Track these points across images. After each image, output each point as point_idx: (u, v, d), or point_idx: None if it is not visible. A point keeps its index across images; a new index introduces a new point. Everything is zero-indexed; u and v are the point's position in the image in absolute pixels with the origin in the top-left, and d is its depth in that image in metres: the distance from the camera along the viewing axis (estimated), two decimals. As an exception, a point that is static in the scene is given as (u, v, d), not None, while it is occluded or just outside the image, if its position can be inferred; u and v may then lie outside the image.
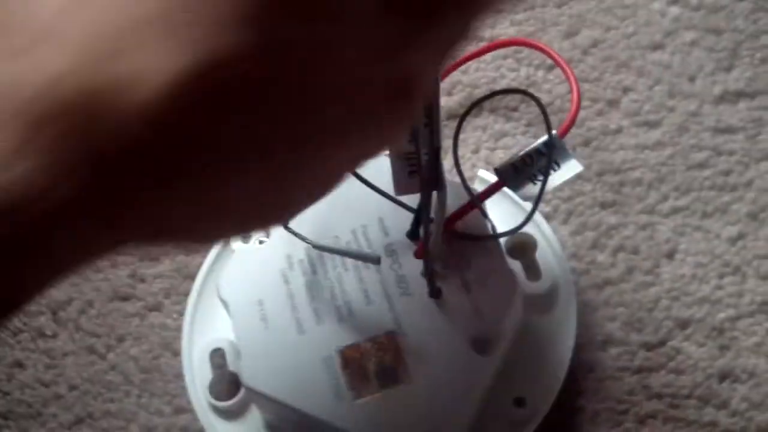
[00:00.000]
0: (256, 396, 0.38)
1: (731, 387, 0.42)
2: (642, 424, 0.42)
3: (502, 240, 0.40)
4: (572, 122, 0.38)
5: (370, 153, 0.25)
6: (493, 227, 0.40)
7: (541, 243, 0.43)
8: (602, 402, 0.42)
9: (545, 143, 0.38)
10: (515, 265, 0.42)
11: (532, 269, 0.42)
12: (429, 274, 0.38)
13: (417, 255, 0.39)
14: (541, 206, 0.46)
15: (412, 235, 0.40)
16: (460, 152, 0.48)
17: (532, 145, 0.38)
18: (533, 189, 0.37)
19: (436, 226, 0.37)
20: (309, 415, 0.37)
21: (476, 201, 0.39)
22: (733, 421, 0.42)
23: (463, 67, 0.50)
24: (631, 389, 0.42)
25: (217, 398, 0.41)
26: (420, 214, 0.38)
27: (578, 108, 0.39)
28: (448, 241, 0.39)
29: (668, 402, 0.42)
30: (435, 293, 0.38)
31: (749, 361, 0.43)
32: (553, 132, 0.38)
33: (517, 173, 0.38)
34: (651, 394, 0.42)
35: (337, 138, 0.23)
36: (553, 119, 0.48)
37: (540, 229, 0.43)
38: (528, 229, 0.41)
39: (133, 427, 0.44)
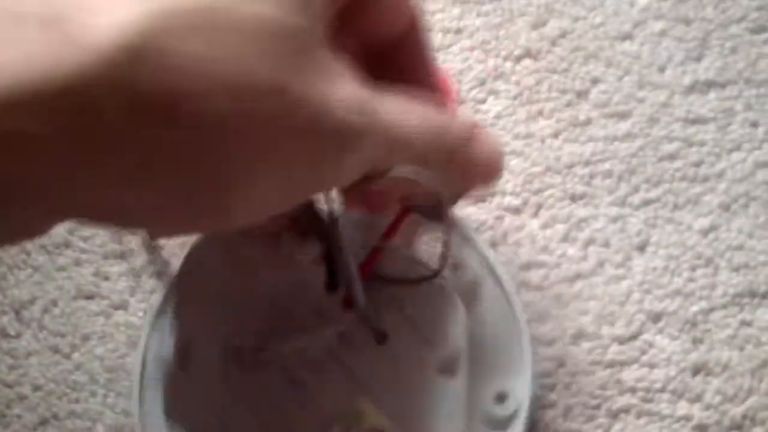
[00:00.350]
0: None
1: (705, 380, 0.42)
2: (615, 419, 0.41)
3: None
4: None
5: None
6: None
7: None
8: (575, 396, 0.41)
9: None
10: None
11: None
12: (367, 322, 0.37)
13: (345, 305, 0.37)
14: (510, 199, 0.45)
15: (330, 286, 0.37)
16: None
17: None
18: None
19: (353, 273, 0.36)
20: None
21: (381, 243, 0.38)
22: (707, 414, 0.41)
23: (429, 59, 0.49)
24: (603, 383, 0.41)
25: None
26: (332, 264, 0.37)
27: None
28: (372, 285, 0.37)
29: (641, 396, 0.41)
30: (381, 338, 0.37)
31: (723, 353, 0.42)
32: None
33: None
34: (624, 388, 0.42)
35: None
36: (521, 111, 0.47)
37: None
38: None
39: (99, 427, 0.43)
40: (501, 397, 0.39)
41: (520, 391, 0.39)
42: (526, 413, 0.39)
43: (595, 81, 0.47)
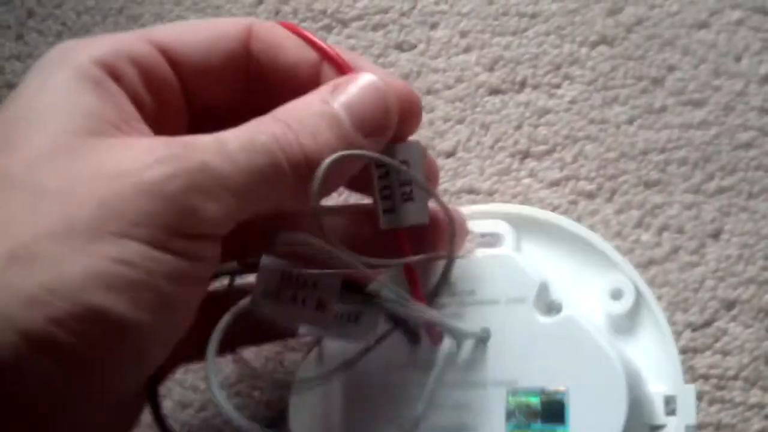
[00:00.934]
0: None
1: (778, 369, 0.42)
2: (688, 405, 0.41)
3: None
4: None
5: None
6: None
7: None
8: (650, 381, 0.42)
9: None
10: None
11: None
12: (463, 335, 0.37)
13: (434, 341, 0.37)
14: (584, 184, 0.46)
15: (414, 339, 0.37)
16: (502, 128, 0.47)
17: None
18: None
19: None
20: None
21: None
22: (780, 403, 0.41)
23: (504, 43, 0.49)
24: (675, 366, 0.42)
25: None
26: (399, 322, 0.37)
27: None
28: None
29: (714, 383, 0.42)
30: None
31: (796, 343, 0.42)
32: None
33: None
34: (697, 375, 0.42)
35: None
36: (596, 96, 0.47)
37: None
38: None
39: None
40: None
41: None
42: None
43: (670, 68, 0.47)
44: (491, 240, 0.40)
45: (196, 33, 0.34)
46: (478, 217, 0.39)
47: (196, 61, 0.34)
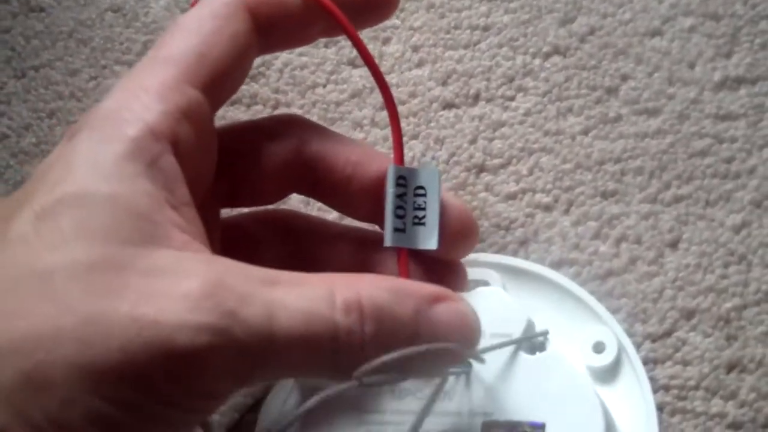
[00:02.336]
0: None
1: (739, 377, 0.41)
2: (650, 417, 0.41)
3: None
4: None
5: None
6: None
7: None
8: (609, 395, 0.41)
9: None
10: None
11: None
12: None
13: None
14: (541, 196, 0.45)
15: None
16: (457, 143, 0.47)
17: None
18: None
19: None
20: None
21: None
22: (741, 411, 0.41)
23: (456, 56, 0.49)
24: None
25: None
26: None
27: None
28: None
29: (675, 394, 0.41)
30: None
31: (757, 350, 0.42)
32: None
33: None
34: (658, 386, 0.42)
35: None
36: (550, 107, 0.47)
37: None
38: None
39: None
40: None
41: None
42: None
43: (624, 77, 0.47)
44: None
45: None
46: (467, 266, 0.39)
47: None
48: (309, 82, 0.50)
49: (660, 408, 0.41)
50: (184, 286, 0.26)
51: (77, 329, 0.25)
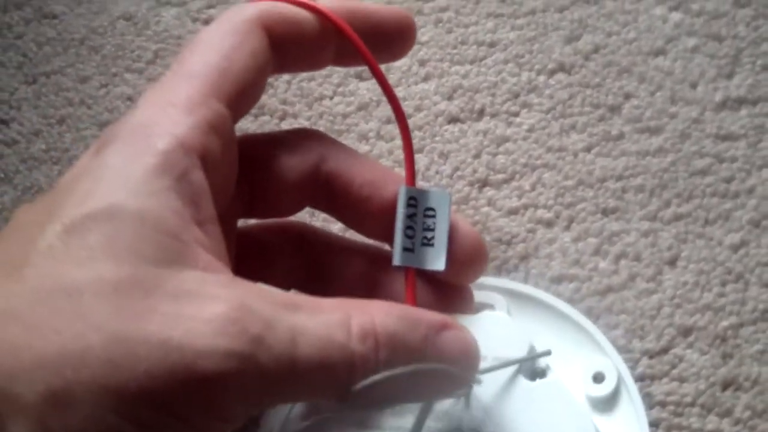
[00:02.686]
0: None
1: (734, 395, 0.42)
2: (645, 433, 0.42)
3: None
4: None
5: None
6: None
7: None
8: (606, 410, 0.42)
9: None
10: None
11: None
12: None
13: None
14: (542, 212, 0.46)
15: None
16: (461, 157, 0.48)
17: None
18: None
19: None
20: None
21: None
22: (736, 429, 0.41)
23: (463, 71, 0.49)
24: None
25: None
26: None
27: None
28: None
29: (671, 410, 0.42)
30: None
31: (752, 369, 0.42)
32: None
33: None
34: (654, 402, 0.42)
35: None
36: (554, 124, 0.48)
37: None
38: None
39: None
40: None
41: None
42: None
43: (627, 96, 0.48)
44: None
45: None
46: (474, 288, 0.39)
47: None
48: (316, 93, 0.50)
49: (656, 424, 0.42)
50: (210, 310, 0.27)
51: (105, 349, 0.26)
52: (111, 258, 0.27)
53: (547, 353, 0.38)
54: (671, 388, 0.42)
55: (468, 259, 0.36)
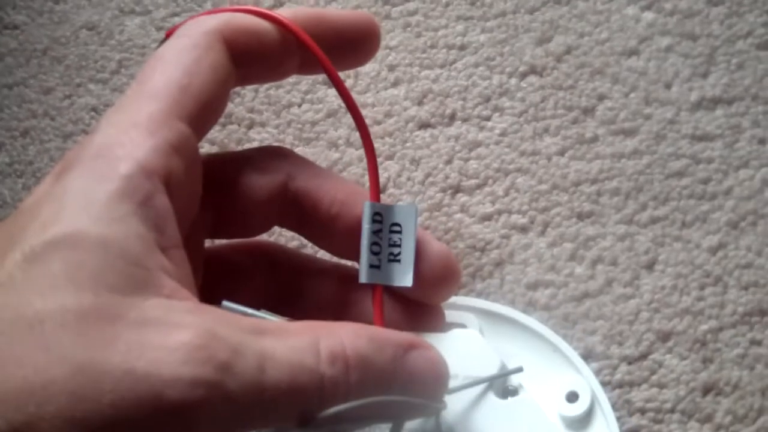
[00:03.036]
0: None
1: (715, 400, 0.41)
2: (625, 441, 0.41)
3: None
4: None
5: None
6: None
7: None
8: (584, 419, 0.41)
9: None
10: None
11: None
12: None
13: None
14: (517, 217, 0.45)
15: None
16: (432, 163, 0.47)
17: None
18: None
19: None
20: None
21: None
22: (718, 435, 0.41)
23: (433, 76, 0.48)
24: (612, 404, 0.41)
25: None
26: None
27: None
28: None
29: (651, 417, 0.41)
30: None
31: (733, 373, 0.42)
32: None
33: None
34: (633, 408, 0.41)
35: None
36: (526, 128, 0.47)
37: None
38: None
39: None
40: None
41: None
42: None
43: (601, 97, 0.47)
44: None
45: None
46: (446, 308, 0.38)
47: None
48: (284, 101, 0.49)
49: (636, 431, 0.41)
50: (176, 338, 0.26)
51: (69, 382, 0.25)
52: (74, 287, 0.26)
53: (519, 370, 0.37)
54: (651, 395, 0.41)
55: (438, 278, 0.35)
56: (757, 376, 0.41)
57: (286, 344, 0.28)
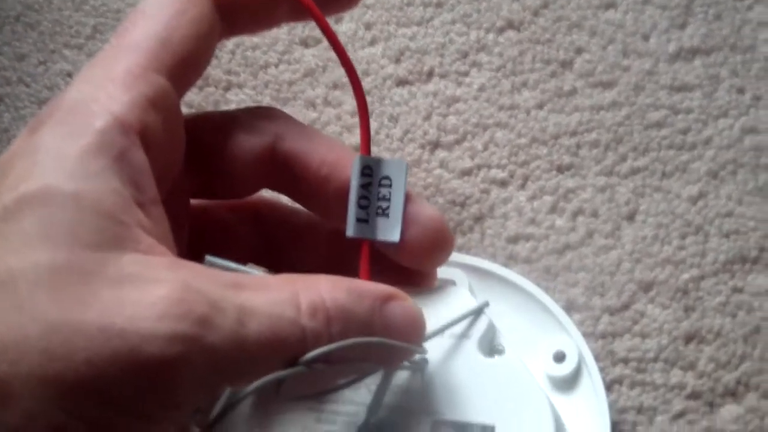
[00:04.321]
0: None
1: (698, 348, 0.41)
2: (609, 390, 0.41)
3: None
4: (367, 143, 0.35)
5: None
6: None
7: None
8: (567, 368, 0.41)
9: None
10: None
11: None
12: None
13: None
14: (496, 171, 0.45)
15: None
16: (411, 120, 0.47)
17: None
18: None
19: None
20: None
21: None
22: (701, 382, 0.41)
23: (410, 33, 0.48)
24: (596, 355, 0.41)
25: None
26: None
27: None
28: None
29: (634, 366, 0.41)
30: None
31: (715, 321, 0.41)
32: None
33: None
34: (616, 359, 0.41)
35: None
36: (504, 82, 0.47)
37: None
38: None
39: None
40: None
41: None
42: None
43: (579, 50, 0.47)
44: None
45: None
46: None
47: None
48: (261, 62, 0.49)
49: (619, 381, 0.41)
50: (153, 293, 0.26)
51: (42, 339, 0.24)
52: (47, 243, 0.26)
53: (485, 304, 0.37)
54: (633, 344, 0.41)
55: (430, 244, 0.35)
56: (739, 324, 0.41)
57: (266, 298, 0.27)
